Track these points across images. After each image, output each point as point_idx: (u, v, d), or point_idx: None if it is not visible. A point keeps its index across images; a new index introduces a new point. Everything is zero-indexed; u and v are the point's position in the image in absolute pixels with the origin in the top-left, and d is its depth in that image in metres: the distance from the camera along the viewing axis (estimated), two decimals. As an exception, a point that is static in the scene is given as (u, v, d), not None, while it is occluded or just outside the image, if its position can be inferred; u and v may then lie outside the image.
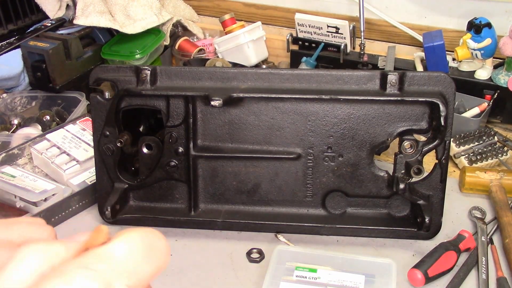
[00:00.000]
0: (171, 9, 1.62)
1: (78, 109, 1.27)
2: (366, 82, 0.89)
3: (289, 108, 0.92)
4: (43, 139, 1.14)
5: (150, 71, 0.91)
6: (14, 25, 1.47)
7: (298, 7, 1.62)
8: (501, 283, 0.83)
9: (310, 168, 0.94)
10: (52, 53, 1.32)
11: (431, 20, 1.46)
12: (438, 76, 0.87)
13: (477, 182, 1.04)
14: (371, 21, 1.52)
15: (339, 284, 0.81)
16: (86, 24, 1.40)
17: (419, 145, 0.89)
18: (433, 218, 0.90)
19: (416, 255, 0.90)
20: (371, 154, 0.92)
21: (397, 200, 0.94)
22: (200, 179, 0.96)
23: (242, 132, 0.93)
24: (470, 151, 1.12)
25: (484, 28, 1.21)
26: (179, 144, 0.94)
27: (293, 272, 0.83)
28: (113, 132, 0.93)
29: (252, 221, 0.95)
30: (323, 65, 1.47)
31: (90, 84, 0.95)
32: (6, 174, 1.05)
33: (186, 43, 1.59)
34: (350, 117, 0.91)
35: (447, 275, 0.85)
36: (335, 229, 0.94)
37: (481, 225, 0.94)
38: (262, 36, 1.55)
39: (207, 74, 0.92)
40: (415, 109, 0.89)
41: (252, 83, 0.91)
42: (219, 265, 0.89)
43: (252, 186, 0.96)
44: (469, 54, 1.26)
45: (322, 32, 1.47)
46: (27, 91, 1.41)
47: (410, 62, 1.39)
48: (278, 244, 0.92)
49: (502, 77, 1.24)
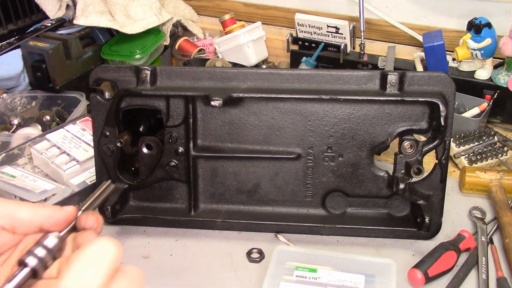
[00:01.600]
0: (171, 9, 1.62)
1: (78, 109, 1.27)
2: (366, 82, 0.89)
3: (289, 108, 0.92)
4: (43, 139, 1.14)
5: (150, 71, 0.91)
6: (14, 25, 1.47)
7: (298, 7, 1.62)
8: (501, 283, 0.83)
9: (310, 168, 0.94)
10: (52, 53, 1.32)
11: (431, 20, 1.46)
12: (438, 76, 0.87)
13: (477, 182, 1.04)
14: (371, 21, 1.52)
15: (339, 284, 0.81)
16: (86, 24, 1.40)
17: (419, 145, 0.89)
18: (433, 218, 0.90)
19: (416, 255, 0.90)
20: (371, 154, 0.92)
21: (397, 200, 0.94)
22: (200, 179, 0.96)
23: (242, 132, 0.94)
24: (470, 151, 1.12)
25: (484, 28, 1.21)
26: (179, 144, 0.94)
27: (293, 272, 0.83)
28: (113, 132, 0.93)
29: (252, 221, 0.95)
30: (323, 65, 1.47)
31: (90, 84, 0.95)
32: (6, 174, 1.05)
33: (186, 43, 1.59)
34: (350, 117, 0.91)
35: (447, 275, 0.85)
36: (335, 229, 0.94)
37: (481, 225, 0.94)
38: (262, 36, 1.55)
39: (207, 74, 0.92)
40: (415, 109, 0.89)
41: (252, 83, 0.91)
42: (219, 265, 0.89)
43: (252, 186, 0.96)
44: (469, 54, 1.26)
45: (322, 32, 1.47)
46: (27, 91, 1.41)
47: (410, 62, 1.40)
48: (278, 244, 0.92)
49: (502, 77, 1.24)
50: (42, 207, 0.60)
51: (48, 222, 0.60)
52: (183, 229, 0.97)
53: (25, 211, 0.59)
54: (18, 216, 0.59)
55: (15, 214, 0.59)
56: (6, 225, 0.59)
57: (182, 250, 0.93)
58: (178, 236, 0.96)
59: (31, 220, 0.59)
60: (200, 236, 0.96)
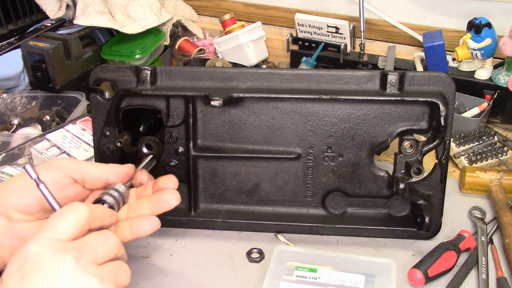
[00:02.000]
0: (171, 9, 1.62)
1: (78, 109, 1.27)
2: (366, 82, 0.89)
3: (289, 108, 0.92)
4: (43, 139, 1.14)
5: (150, 71, 0.91)
6: (14, 25, 1.47)
7: (298, 7, 1.62)
8: (501, 283, 0.83)
9: (310, 168, 0.94)
10: (52, 53, 1.32)
11: (431, 20, 1.46)
12: (438, 76, 0.87)
13: (477, 182, 1.04)
14: (371, 21, 1.52)
15: (339, 284, 0.81)
16: (86, 24, 1.40)
17: (419, 145, 0.89)
18: (433, 218, 0.90)
19: (416, 255, 0.90)
20: (371, 154, 0.92)
21: (397, 200, 0.94)
22: (200, 179, 0.96)
23: (242, 132, 0.94)
24: (470, 151, 1.12)
25: (484, 28, 1.21)
26: (179, 144, 0.94)
27: (293, 272, 0.83)
28: (113, 132, 0.93)
29: (252, 221, 0.95)
30: (323, 65, 1.47)
31: (90, 84, 0.95)
32: (6, 174, 1.05)
33: (186, 43, 1.59)
34: (350, 117, 0.91)
35: (447, 275, 0.85)
36: (335, 229, 0.94)
37: (481, 225, 0.94)
38: (262, 36, 1.55)
39: (207, 74, 0.92)
40: (415, 109, 0.89)
41: (252, 83, 0.91)
42: (219, 265, 0.89)
43: (252, 186, 0.96)
44: (469, 54, 1.26)
45: (322, 32, 1.47)
46: (27, 91, 1.41)
47: (410, 62, 1.40)
48: (278, 244, 0.92)
49: (502, 77, 1.24)
50: (106, 165, 0.74)
51: (112, 176, 0.73)
52: (183, 229, 0.97)
53: (93, 167, 0.73)
54: (88, 172, 0.72)
55: (85, 170, 0.72)
56: (78, 179, 0.71)
57: (182, 250, 0.93)
58: (178, 236, 0.96)
59: (99, 175, 0.73)
60: (200, 236, 0.96)
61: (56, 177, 0.69)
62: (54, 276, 0.51)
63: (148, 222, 0.71)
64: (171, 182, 0.77)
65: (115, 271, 0.57)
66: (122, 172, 0.74)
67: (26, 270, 0.51)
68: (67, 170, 0.70)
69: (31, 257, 0.52)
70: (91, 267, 0.54)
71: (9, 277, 0.52)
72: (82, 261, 0.53)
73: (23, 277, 0.51)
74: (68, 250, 0.53)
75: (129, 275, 0.60)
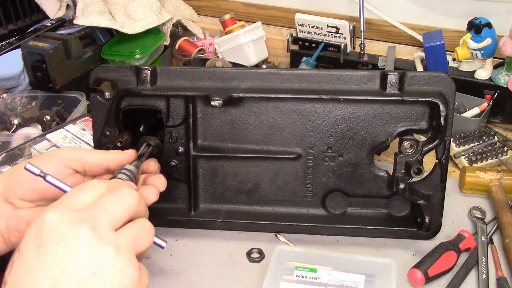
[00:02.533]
0: (171, 9, 1.62)
1: (78, 109, 1.27)
2: (366, 82, 0.89)
3: (289, 108, 0.92)
4: (43, 139, 1.14)
5: (150, 71, 0.91)
6: (14, 25, 1.47)
7: (298, 7, 1.62)
8: (501, 283, 0.83)
9: (310, 168, 0.94)
10: (52, 53, 1.32)
11: (431, 20, 1.46)
12: (438, 76, 0.87)
13: (477, 182, 1.04)
14: (371, 21, 1.52)
15: (339, 284, 0.81)
16: (86, 24, 1.40)
17: (419, 145, 0.89)
18: (433, 218, 0.90)
19: (416, 255, 0.90)
20: (371, 154, 0.92)
21: (397, 200, 0.94)
22: (200, 179, 0.96)
23: (242, 132, 0.94)
24: (470, 151, 1.12)
25: (484, 28, 1.21)
26: (179, 144, 0.94)
27: (293, 272, 0.83)
28: (113, 132, 0.93)
29: (252, 221, 0.95)
30: (323, 65, 1.47)
31: (90, 84, 0.95)
32: (6, 174, 1.05)
33: (186, 43, 1.59)
34: (350, 117, 0.91)
35: (447, 275, 0.85)
36: (335, 229, 0.94)
37: (481, 225, 0.94)
38: (262, 36, 1.55)
39: (207, 74, 0.92)
40: (415, 109, 0.89)
41: (252, 83, 0.91)
42: (219, 265, 0.89)
43: (252, 186, 0.96)
44: (469, 54, 1.26)
45: (322, 32, 1.47)
46: (27, 91, 1.41)
47: (410, 62, 1.40)
48: (278, 244, 0.92)
49: (502, 77, 1.24)
50: (107, 152, 0.74)
51: (113, 163, 0.73)
52: (183, 229, 0.97)
53: (93, 155, 0.73)
54: (88, 160, 0.72)
55: (85, 158, 0.72)
56: (79, 168, 0.72)
57: (182, 250, 0.93)
58: (178, 236, 0.96)
59: (100, 162, 0.73)
60: (200, 236, 0.96)
61: (57, 168, 0.70)
62: (71, 247, 0.51)
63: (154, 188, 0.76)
64: (159, 182, 0.78)
65: (134, 234, 0.56)
66: (122, 159, 0.75)
67: (43, 238, 0.51)
68: (68, 161, 0.71)
69: (48, 225, 0.52)
70: (108, 234, 0.53)
71: (26, 245, 0.51)
72: (99, 229, 0.53)
73: (40, 245, 0.51)
74: (84, 220, 0.53)
75: (151, 234, 0.59)
